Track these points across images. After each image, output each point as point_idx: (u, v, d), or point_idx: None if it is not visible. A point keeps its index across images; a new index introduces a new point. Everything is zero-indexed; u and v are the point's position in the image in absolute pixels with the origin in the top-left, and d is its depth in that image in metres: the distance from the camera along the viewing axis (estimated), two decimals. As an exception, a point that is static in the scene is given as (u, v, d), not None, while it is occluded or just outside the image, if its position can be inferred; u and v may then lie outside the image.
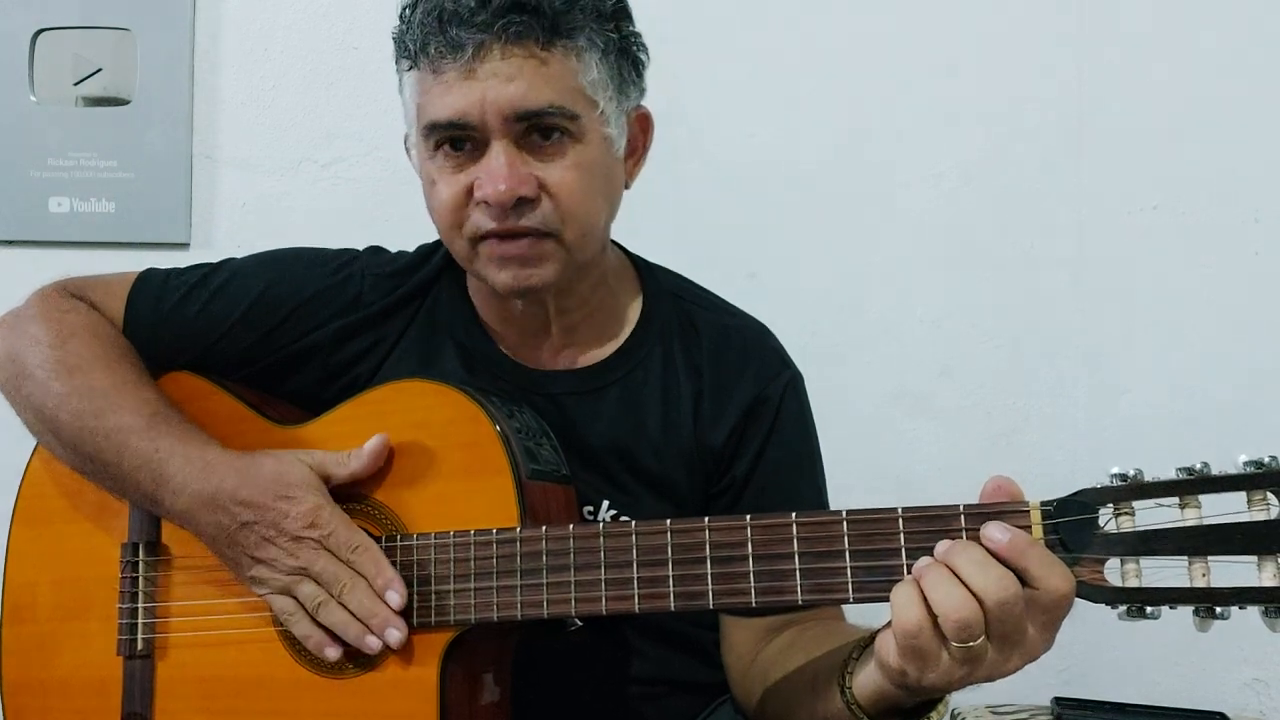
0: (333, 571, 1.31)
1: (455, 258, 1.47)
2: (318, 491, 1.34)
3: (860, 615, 1.36)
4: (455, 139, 1.38)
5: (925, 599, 1.06)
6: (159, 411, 1.42)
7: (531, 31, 1.34)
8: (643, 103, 1.50)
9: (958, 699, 2.15)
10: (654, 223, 1.52)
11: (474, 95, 1.34)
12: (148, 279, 1.58)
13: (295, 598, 1.33)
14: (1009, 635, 1.06)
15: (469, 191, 1.38)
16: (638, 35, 1.46)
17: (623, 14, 1.43)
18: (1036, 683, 2.22)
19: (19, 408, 1.50)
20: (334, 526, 1.32)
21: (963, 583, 1.05)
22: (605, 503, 1.49)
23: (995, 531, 1.07)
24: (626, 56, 1.44)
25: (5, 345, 1.50)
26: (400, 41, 1.41)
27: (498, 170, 1.35)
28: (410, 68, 1.41)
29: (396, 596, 1.30)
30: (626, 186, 1.50)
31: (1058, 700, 2.12)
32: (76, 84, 2.41)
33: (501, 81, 1.34)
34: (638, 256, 1.62)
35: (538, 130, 1.37)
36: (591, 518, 1.48)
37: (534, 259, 1.39)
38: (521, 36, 1.33)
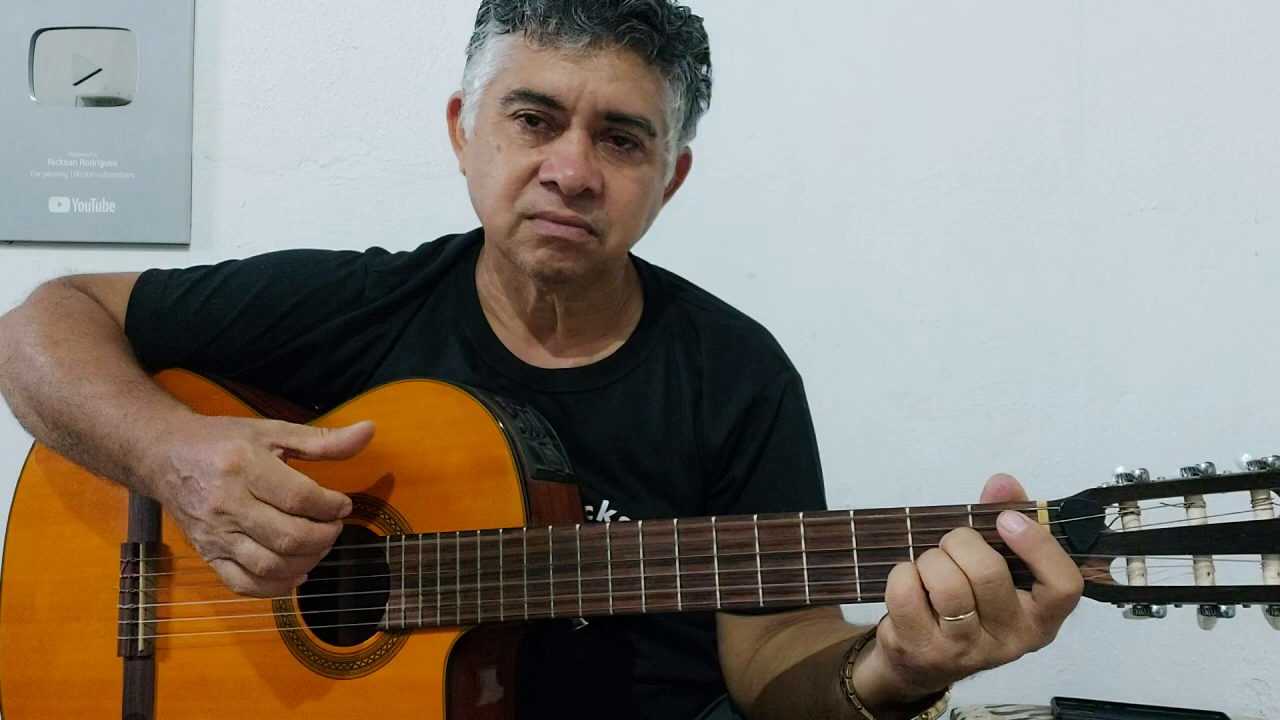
0: (271, 519, 1.23)
1: (489, 229, 1.48)
2: (246, 436, 1.27)
3: (861, 616, 1.36)
4: (534, 115, 1.40)
5: (919, 575, 1.08)
6: (133, 380, 1.41)
7: (647, 44, 1.39)
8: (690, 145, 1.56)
9: (958, 698, 2.15)
10: (654, 223, 1.53)
11: (576, 80, 1.37)
12: (150, 278, 1.58)
13: (237, 561, 1.26)
14: (999, 616, 1.07)
15: (533, 170, 1.40)
16: (710, 83, 1.52)
17: (707, 59, 1.50)
18: (1036, 683, 2.23)
19: (10, 391, 1.49)
20: (260, 470, 1.24)
21: (951, 559, 1.07)
22: (605, 502, 1.50)
23: (1011, 521, 1.08)
24: (697, 99, 1.50)
25: (4, 333, 1.50)
26: (505, 3, 1.43)
27: (573, 156, 1.38)
28: (506, 31, 1.43)
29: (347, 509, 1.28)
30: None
31: (1058, 700, 2.12)
32: (76, 84, 2.40)
33: (606, 78, 1.38)
34: (638, 257, 1.63)
35: (614, 135, 1.41)
36: (591, 518, 1.48)
37: (574, 249, 1.41)
38: (637, 45, 1.38)
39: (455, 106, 1.54)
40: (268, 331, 1.54)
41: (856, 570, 1.14)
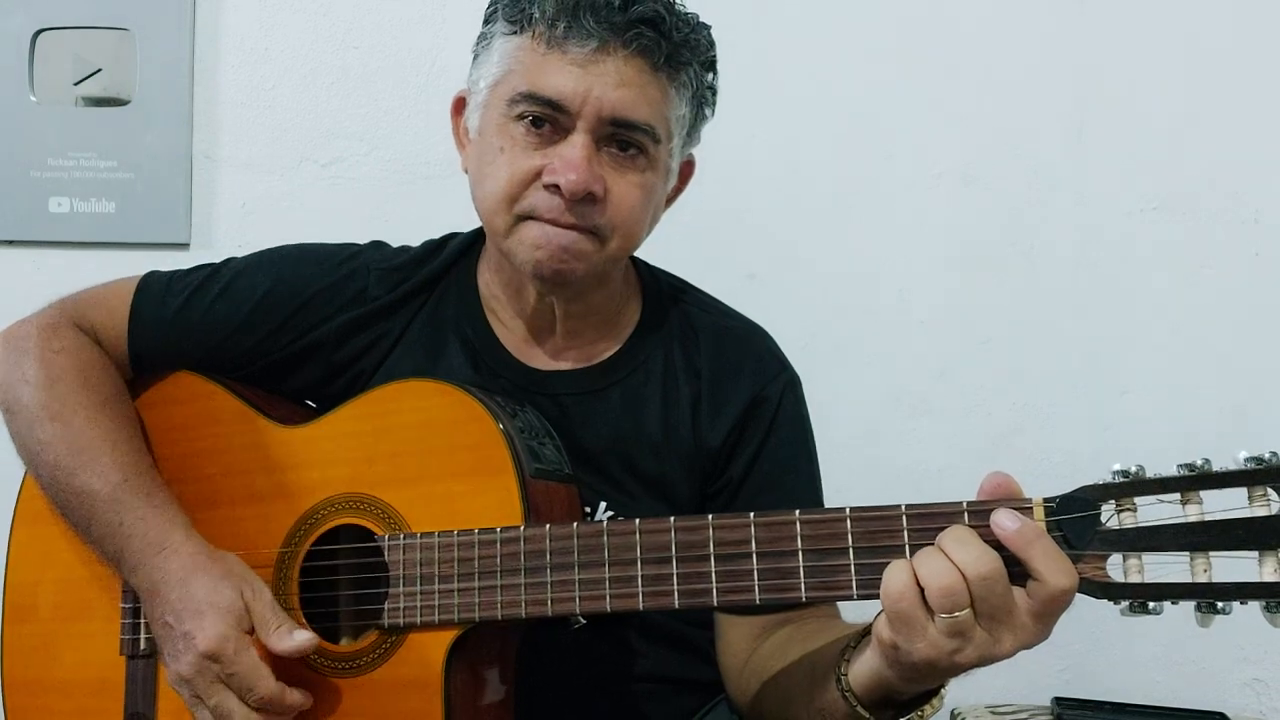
0: (228, 710, 1.30)
1: (489, 229, 1.48)
2: (231, 624, 1.31)
3: (859, 615, 1.36)
4: (539, 117, 1.40)
5: (914, 572, 1.08)
6: (128, 479, 1.41)
7: (654, 51, 1.38)
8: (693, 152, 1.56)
9: (957, 699, 2.15)
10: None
11: (582, 85, 1.37)
12: (149, 284, 1.57)
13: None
14: (995, 613, 1.07)
15: (536, 173, 1.40)
16: (716, 91, 1.51)
17: (713, 66, 1.49)
18: (1036, 683, 2.23)
19: (11, 433, 1.50)
20: (238, 667, 1.29)
21: (946, 556, 1.07)
22: (603, 504, 1.50)
23: (1005, 519, 1.08)
24: (702, 106, 1.50)
25: (2, 371, 1.50)
26: (513, 4, 1.43)
27: (577, 161, 1.38)
28: (513, 32, 1.42)
29: None
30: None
31: (1058, 700, 2.13)
32: (76, 84, 2.40)
33: (612, 84, 1.37)
34: (638, 258, 1.63)
35: (618, 140, 1.41)
36: (589, 520, 1.48)
37: (574, 253, 1.41)
38: (644, 51, 1.38)
39: (460, 105, 1.54)
40: (273, 333, 1.54)
41: (852, 568, 1.14)
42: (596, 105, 1.37)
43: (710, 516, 1.21)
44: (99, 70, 2.40)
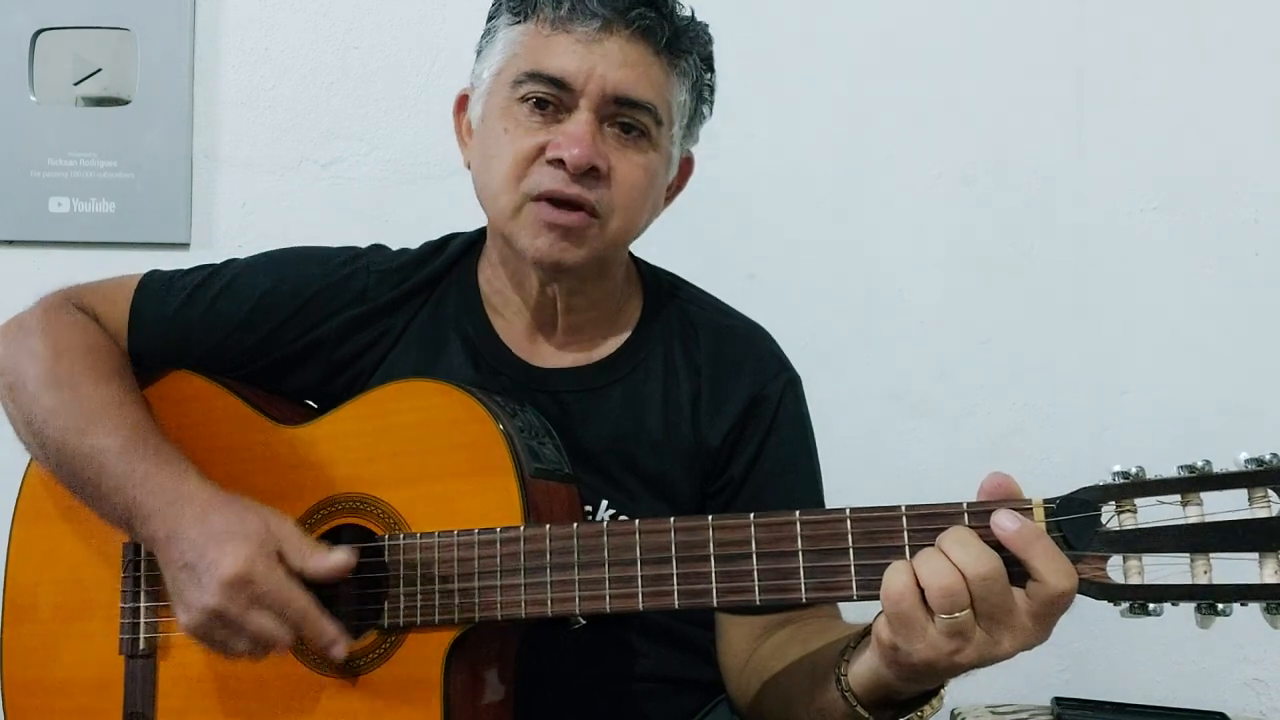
0: (270, 630, 1.28)
1: (493, 213, 1.48)
2: (256, 546, 1.28)
3: (859, 616, 1.36)
4: (542, 98, 1.41)
5: (914, 573, 1.08)
6: (138, 434, 1.40)
7: (656, 33, 1.41)
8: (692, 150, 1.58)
9: (957, 699, 2.15)
10: (654, 223, 1.53)
11: (586, 64, 1.39)
12: (150, 283, 1.58)
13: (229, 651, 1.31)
14: (995, 614, 1.07)
15: (540, 150, 1.41)
16: (714, 89, 1.54)
17: (712, 64, 1.52)
18: (1036, 683, 2.23)
19: (12, 418, 1.49)
20: (270, 585, 1.27)
21: (946, 557, 1.07)
22: (604, 503, 1.50)
23: (1005, 519, 1.08)
24: (701, 101, 1.52)
25: (4, 355, 1.50)
26: None
27: (580, 135, 1.39)
28: (517, 21, 1.45)
29: (341, 650, 1.30)
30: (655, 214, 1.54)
31: (1058, 700, 2.12)
32: (76, 84, 2.40)
33: (615, 64, 1.40)
34: (639, 258, 1.63)
35: (621, 121, 1.43)
36: (590, 519, 1.48)
37: (576, 236, 1.42)
38: (646, 33, 1.41)
39: (462, 102, 1.55)
40: (274, 332, 1.54)
41: (853, 568, 1.14)
42: (600, 83, 1.39)
43: (710, 517, 1.21)
44: (99, 70, 2.40)
